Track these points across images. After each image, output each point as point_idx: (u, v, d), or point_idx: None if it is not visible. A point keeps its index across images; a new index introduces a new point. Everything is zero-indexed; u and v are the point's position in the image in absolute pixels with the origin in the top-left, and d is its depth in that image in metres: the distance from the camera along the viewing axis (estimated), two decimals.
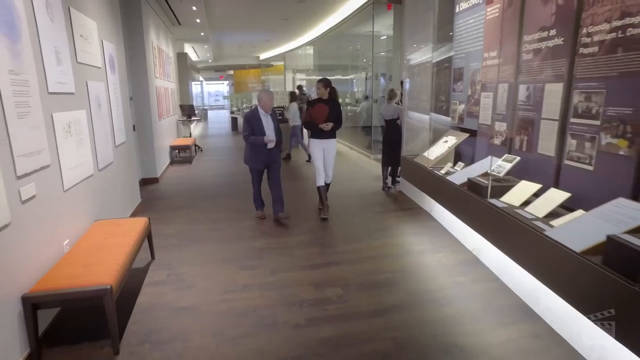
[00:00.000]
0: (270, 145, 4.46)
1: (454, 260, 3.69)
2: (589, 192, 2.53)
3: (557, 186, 2.81)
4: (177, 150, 8.72)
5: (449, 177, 3.73)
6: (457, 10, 4.45)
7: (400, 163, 6.04)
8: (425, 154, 4.69)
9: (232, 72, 21.19)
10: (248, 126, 4.39)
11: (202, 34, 10.97)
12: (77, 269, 2.52)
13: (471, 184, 3.32)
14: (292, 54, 16.88)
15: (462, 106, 4.51)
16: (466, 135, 4.27)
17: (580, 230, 2.16)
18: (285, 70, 18.47)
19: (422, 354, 2.37)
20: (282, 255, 3.77)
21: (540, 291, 2.73)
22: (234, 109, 16.57)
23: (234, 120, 14.66)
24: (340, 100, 13.34)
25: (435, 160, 4.36)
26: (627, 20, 2.29)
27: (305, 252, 3.86)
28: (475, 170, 3.58)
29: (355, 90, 13.18)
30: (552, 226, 2.39)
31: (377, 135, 9.85)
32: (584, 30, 2.60)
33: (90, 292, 2.33)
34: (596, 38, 2.51)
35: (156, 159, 6.74)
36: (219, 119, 21.31)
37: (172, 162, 8.41)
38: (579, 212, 2.41)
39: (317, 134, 4.77)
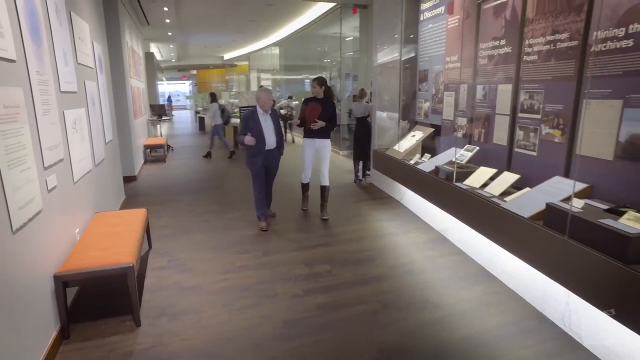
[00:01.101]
0: (270, 146, 4.38)
1: (424, 239, 4.23)
2: (533, 173, 3.13)
3: (509, 169, 3.41)
4: (149, 150, 8.86)
5: (419, 167, 4.28)
6: (421, 18, 5.02)
7: (370, 157, 6.61)
8: (396, 147, 5.24)
9: (195, 71, 21.18)
10: (243, 126, 4.36)
11: (169, 34, 11.09)
12: (98, 253, 2.82)
13: (438, 171, 3.88)
14: (257, 54, 17.18)
15: (427, 104, 5.09)
16: (432, 129, 4.85)
17: (527, 202, 2.73)
18: (249, 70, 18.72)
19: (405, 311, 2.87)
20: (272, 241, 4.17)
21: (497, 257, 3.31)
22: (199, 108, 16.64)
23: (201, 120, 14.77)
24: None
25: (405, 153, 4.90)
26: (557, 36, 2.90)
27: (293, 236, 4.29)
28: (441, 160, 4.15)
29: None
30: (505, 201, 2.96)
31: (344, 133, 10.42)
32: (527, 42, 3.20)
33: (115, 270, 2.65)
34: (535, 49, 3.11)
35: (134, 158, 6.93)
36: (182, 119, 21.27)
37: (145, 161, 8.55)
38: (526, 189, 2.99)
39: (309, 133, 4.76)
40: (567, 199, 2.51)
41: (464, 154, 3.88)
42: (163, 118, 10.06)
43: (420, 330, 2.63)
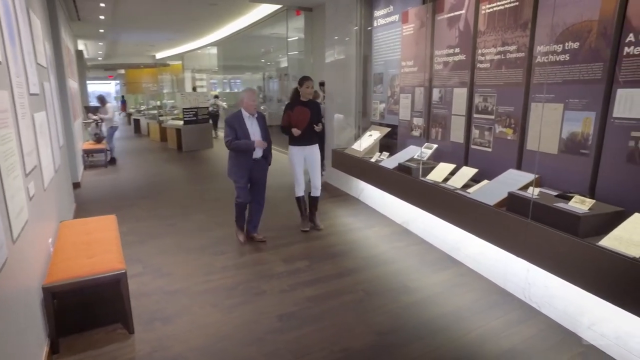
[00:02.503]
0: (257, 155, 4.04)
1: (388, 231, 4.61)
2: (489, 167, 3.59)
3: (467, 164, 3.87)
4: (86, 155, 8.46)
5: (381, 164, 4.64)
6: (375, 24, 5.41)
7: (324, 157, 6.91)
8: (354, 146, 5.59)
9: (123, 71, 20.15)
10: (231, 131, 3.93)
11: (101, 31, 10.58)
12: (84, 261, 2.80)
13: (402, 167, 4.26)
14: (193, 54, 16.86)
15: (383, 105, 5.50)
16: (388, 129, 5.25)
17: (489, 192, 3.16)
18: (184, 70, 18.27)
19: (387, 296, 3.18)
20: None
21: (460, 243, 3.75)
22: (132, 110, 15.95)
23: (136, 122, 14.21)
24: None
25: (364, 151, 5.26)
26: (506, 48, 3.38)
27: (265, 235, 4.44)
28: (402, 157, 4.54)
29: (265, 89, 13.84)
30: (468, 193, 3.39)
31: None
32: (479, 51, 3.66)
33: (108, 277, 2.66)
34: (487, 57, 3.58)
35: (77, 163, 6.63)
36: None
37: (85, 167, 8.16)
38: (485, 181, 3.44)
39: (296, 140, 4.39)
40: (524, 188, 2.97)
41: (424, 152, 4.30)
42: (101, 120, 9.52)
43: (405, 312, 2.96)
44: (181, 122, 10.03)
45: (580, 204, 2.53)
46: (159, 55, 18.60)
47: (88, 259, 2.82)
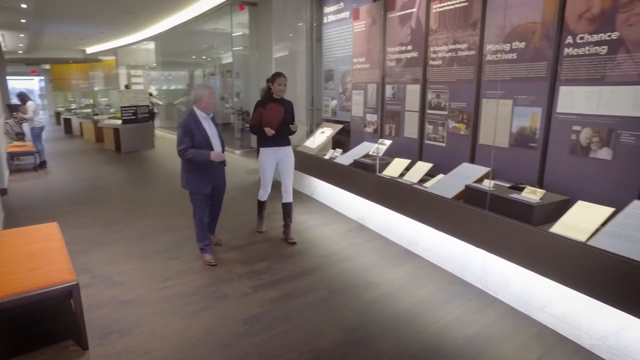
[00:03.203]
0: (218, 159, 3.55)
1: (345, 228, 4.67)
2: (444, 161, 3.76)
3: (421, 159, 4.01)
4: (12, 158, 7.80)
5: (336, 161, 4.70)
6: (325, 21, 5.45)
7: None
8: (307, 143, 5.60)
9: (48, 66, 18.66)
10: (186, 136, 3.41)
11: (22, 21, 9.75)
12: (26, 274, 2.58)
13: (358, 164, 4.34)
14: (128, 49, 16.05)
15: (335, 102, 5.56)
16: (340, 126, 5.32)
17: (446, 186, 3.31)
18: (117, 66, 17.31)
19: (352, 292, 3.23)
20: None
21: (417, 237, 3.89)
22: (61, 108, 14.89)
23: (67, 122, 13.28)
24: (182, 99, 13.72)
25: (317, 148, 5.30)
26: (457, 46, 3.55)
27: (220, 238, 4.34)
28: (357, 153, 4.62)
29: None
30: (426, 187, 3.52)
31: (237, 132, 10.47)
32: (431, 49, 3.81)
33: (58, 290, 2.46)
34: (439, 55, 3.74)
35: (2, 167, 6.10)
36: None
37: (11, 171, 7.51)
38: (441, 175, 3.60)
39: (269, 141, 4.00)
40: (478, 181, 3.14)
41: (379, 147, 4.41)
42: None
43: (370, 307, 3.02)
44: (119, 122, 9.52)
45: (532, 194, 2.72)
46: (90, 49, 17.46)
47: (32, 272, 2.60)
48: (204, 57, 13.76)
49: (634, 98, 2.52)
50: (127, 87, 12.70)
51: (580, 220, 2.48)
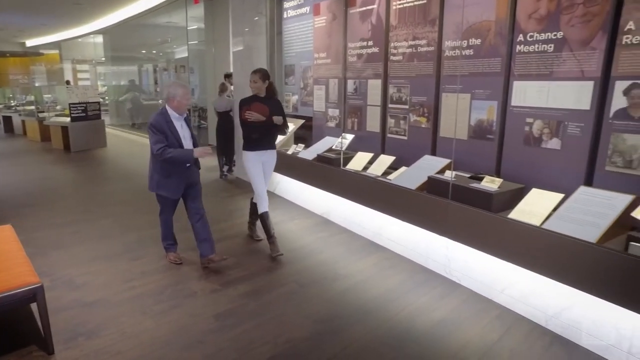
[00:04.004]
0: (204, 154, 3.40)
1: (310, 223, 4.74)
2: (406, 154, 3.90)
3: (384, 153, 4.14)
4: None
5: (298, 156, 4.75)
6: (285, 16, 5.47)
7: (234, 152, 6.83)
8: None
9: None
10: (160, 137, 3.21)
11: None
12: None
13: (322, 158, 4.42)
14: (73, 43, 15.29)
15: (296, 97, 5.60)
16: (302, 121, 5.38)
17: (409, 178, 3.45)
18: (62, 60, 16.45)
19: (320, 285, 3.31)
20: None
21: (382, 229, 4.01)
22: None
23: (7, 120, 12.49)
24: (127, 95, 13.28)
25: (280, 144, 5.32)
26: (417, 42, 3.69)
27: (181, 236, 4.25)
28: (320, 148, 4.70)
29: (155, 82, 13.15)
30: (390, 179, 3.65)
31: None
32: (392, 44, 3.94)
33: (21, 293, 2.37)
34: (400, 50, 3.87)
35: None
36: None
37: None
38: (403, 168, 3.74)
39: (253, 144, 3.75)
40: (440, 172, 3.30)
41: (342, 142, 4.50)
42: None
43: (341, 298, 3.11)
44: (68, 119, 9.09)
45: (491, 184, 2.89)
46: (31, 42, 16.46)
47: None
48: (154, 51, 13.36)
49: (577, 93, 2.74)
50: (68, 83, 12.13)
51: (535, 206, 2.68)
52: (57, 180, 6.84)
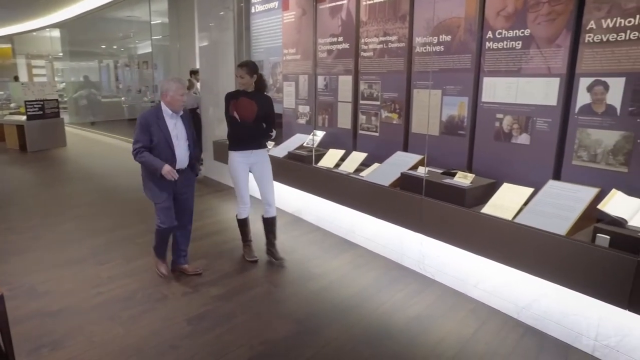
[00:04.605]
0: (181, 165, 3.15)
1: (282, 222, 4.67)
2: (378, 150, 3.91)
3: (356, 149, 4.14)
4: None
5: (269, 154, 4.68)
6: (253, 10, 5.38)
7: (202, 149, 6.69)
8: None
9: None
10: (144, 134, 2.99)
11: None
12: None
13: (292, 156, 4.37)
14: (27, 37, 14.57)
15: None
16: None
17: (382, 174, 3.45)
18: (15, 55, 15.64)
19: (295, 284, 3.28)
20: (128, 246, 3.96)
21: (355, 226, 4.02)
22: None
23: None
24: (82, 92, 12.78)
25: None
26: (388, 38, 3.70)
27: (146, 239, 4.09)
28: (290, 145, 4.65)
29: (120, 79, 12.72)
30: (362, 176, 3.65)
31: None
32: (362, 40, 3.93)
33: None
34: (371, 46, 3.87)
35: None
36: None
37: None
38: (376, 165, 3.74)
39: (239, 143, 3.45)
40: (413, 168, 3.32)
41: (313, 139, 4.47)
42: None
43: (317, 297, 3.09)
44: (23, 117, 8.65)
45: (463, 179, 2.94)
46: None
47: None
48: (115, 46, 12.91)
49: (545, 89, 2.82)
50: (16, 78, 11.55)
51: (506, 201, 2.73)
52: (14, 182, 6.47)
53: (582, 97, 2.66)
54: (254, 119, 3.38)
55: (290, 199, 4.89)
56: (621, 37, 2.48)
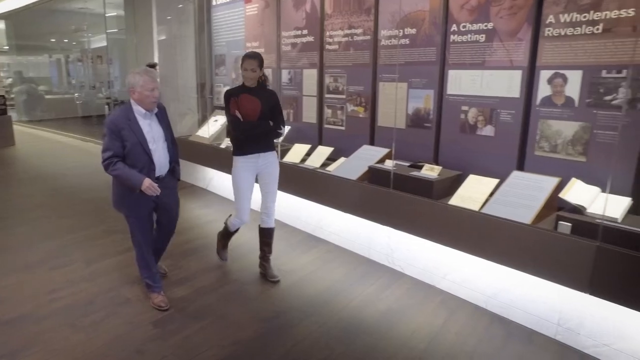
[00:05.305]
0: (161, 172, 2.75)
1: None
2: (344, 144, 3.90)
3: (321, 144, 4.12)
4: None
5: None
6: (214, 3, 5.24)
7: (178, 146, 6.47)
8: (199, 133, 5.38)
9: None
10: (113, 141, 2.55)
11: None
12: None
13: None
14: None
15: (227, 88, 5.40)
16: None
17: (349, 168, 3.44)
18: None
19: (264, 282, 3.22)
20: (88, 248, 3.77)
21: (322, 222, 3.99)
22: None
23: None
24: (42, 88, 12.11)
25: (212, 138, 5.12)
26: (353, 31, 3.69)
27: (107, 240, 3.96)
28: None
29: (72, 74, 12.15)
30: (329, 171, 3.63)
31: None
32: (327, 33, 3.91)
33: None
34: (336, 39, 3.85)
35: None
36: None
37: None
38: (342, 159, 3.73)
39: (244, 145, 3.04)
40: (380, 161, 3.33)
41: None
42: None
43: (287, 294, 3.04)
44: None
45: (430, 171, 2.97)
46: None
47: None
48: (66, 40, 12.29)
49: (508, 81, 2.89)
50: None
51: (473, 192, 2.79)
52: None
53: (543, 89, 2.74)
54: (258, 116, 2.97)
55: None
56: (577, 32, 2.57)
